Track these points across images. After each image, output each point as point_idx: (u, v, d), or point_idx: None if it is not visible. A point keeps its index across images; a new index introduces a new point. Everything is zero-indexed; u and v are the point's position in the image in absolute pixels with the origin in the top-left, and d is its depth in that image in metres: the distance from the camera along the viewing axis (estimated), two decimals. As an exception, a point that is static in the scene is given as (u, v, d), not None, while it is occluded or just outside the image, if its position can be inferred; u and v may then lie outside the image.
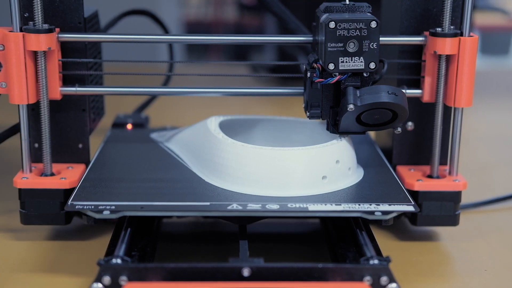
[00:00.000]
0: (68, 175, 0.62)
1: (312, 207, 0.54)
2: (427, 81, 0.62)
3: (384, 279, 0.49)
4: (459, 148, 0.63)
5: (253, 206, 0.54)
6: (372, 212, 0.53)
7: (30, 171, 0.62)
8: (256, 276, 0.49)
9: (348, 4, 0.58)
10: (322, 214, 0.54)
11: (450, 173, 0.64)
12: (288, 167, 0.57)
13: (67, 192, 0.61)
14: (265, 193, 0.56)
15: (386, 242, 0.64)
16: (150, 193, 0.56)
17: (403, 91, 0.60)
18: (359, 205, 0.54)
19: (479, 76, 0.69)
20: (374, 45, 0.57)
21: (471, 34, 0.60)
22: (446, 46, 0.60)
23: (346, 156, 0.60)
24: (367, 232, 0.56)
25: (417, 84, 0.64)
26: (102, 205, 0.53)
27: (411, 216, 0.64)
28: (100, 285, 0.49)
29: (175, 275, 0.49)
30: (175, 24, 1.96)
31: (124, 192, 0.57)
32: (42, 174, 0.62)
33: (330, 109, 0.60)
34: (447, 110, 0.63)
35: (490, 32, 2.96)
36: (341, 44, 0.57)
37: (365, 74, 0.58)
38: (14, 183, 0.61)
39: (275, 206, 0.54)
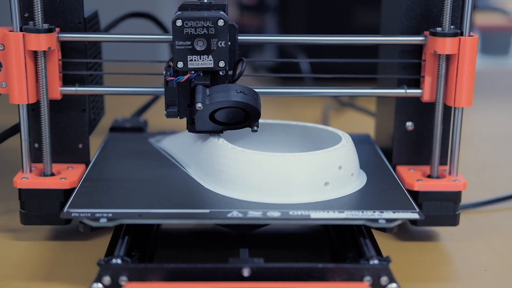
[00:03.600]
0: (68, 175, 0.62)
1: (314, 214, 0.53)
2: (427, 81, 0.62)
3: (384, 279, 0.49)
4: (459, 148, 0.63)
5: (253, 214, 0.52)
6: (375, 220, 0.52)
7: (30, 171, 0.62)
8: (256, 276, 0.49)
9: (205, 3, 0.57)
10: (325, 222, 0.53)
11: (450, 173, 0.64)
12: (289, 173, 0.56)
13: (67, 192, 0.61)
14: (266, 200, 0.55)
15: (386, 242, 0.64)
16: (148, 200, 0.55)
17: (255, 90, 0.58)
18: (362, 212, 0.53)
19: (479, 76, 0.69)
20: (223, 44, 0.57)
21: (471, 34, 0.60)
22: (446, 45, 0.60)
23: (349, 162, 0.59)
24: (367, 232, 0.56)
25: (417, 84, 0.64)
26: (99, 213, 0.52)
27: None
28: (100, 285, 0.49)
29: (175, 275, 0.49)
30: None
31: (122, 199, 0.55)
32: (42, 174, 0.62)
33: (187, 107, 0.59)
34: (447, 110, 0.63)
35: (490, 32, 2.95)
36: (189, 43, 0.56)
37: (221, 73, 0.58)
38: (14, 183, 0.61)
39: (276, 214, 0.52)
